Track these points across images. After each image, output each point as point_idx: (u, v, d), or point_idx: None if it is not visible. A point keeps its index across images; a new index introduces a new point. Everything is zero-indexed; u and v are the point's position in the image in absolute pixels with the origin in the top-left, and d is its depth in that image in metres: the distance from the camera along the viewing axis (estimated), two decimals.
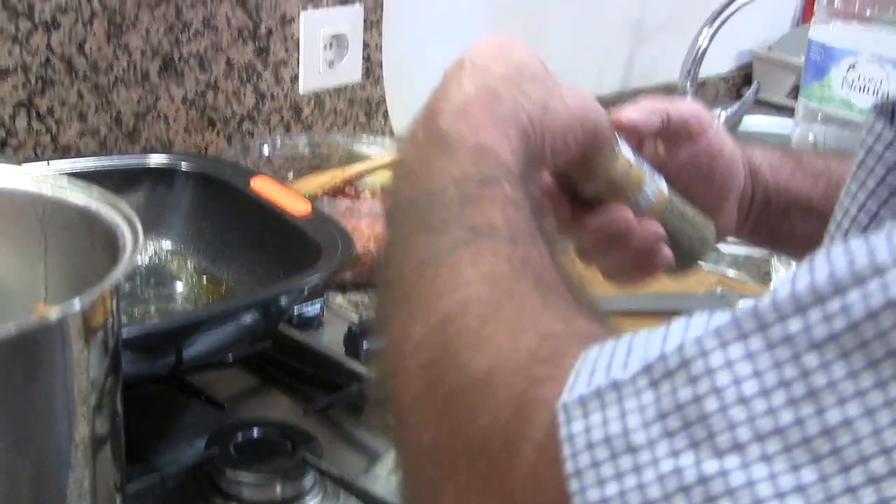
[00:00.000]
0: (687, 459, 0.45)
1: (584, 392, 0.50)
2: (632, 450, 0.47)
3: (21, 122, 1.42)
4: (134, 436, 0.87)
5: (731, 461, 0.45)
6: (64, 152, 1.46)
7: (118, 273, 0.77)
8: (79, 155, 1.47)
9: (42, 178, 0.92)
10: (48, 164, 1.30)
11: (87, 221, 0.88)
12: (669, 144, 0.96)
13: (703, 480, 0.45)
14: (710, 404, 0.46)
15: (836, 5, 1.97)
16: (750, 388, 0.45)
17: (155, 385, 1.08)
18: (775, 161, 1.00)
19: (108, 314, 0.78)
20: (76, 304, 0.73)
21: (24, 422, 0.74)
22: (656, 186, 0.92)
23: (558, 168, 0.87)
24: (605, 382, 0.49)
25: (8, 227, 0.93)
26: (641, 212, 0.91)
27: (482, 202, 0.69)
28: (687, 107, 0.96)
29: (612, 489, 0.47)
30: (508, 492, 0.53)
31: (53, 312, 0.73)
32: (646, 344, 0.50)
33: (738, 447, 0.45)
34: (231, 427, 1.08)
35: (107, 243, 0.85)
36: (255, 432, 1.08)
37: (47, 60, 1.42)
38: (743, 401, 0.45)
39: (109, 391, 0.80)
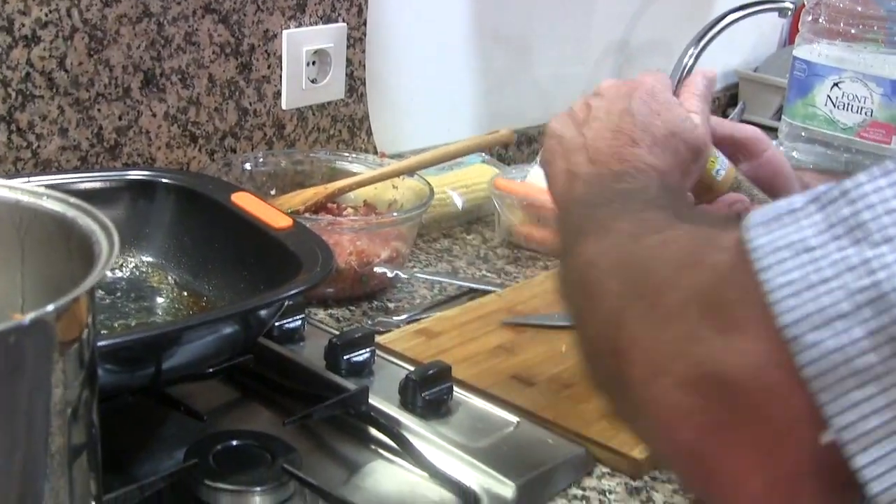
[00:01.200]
0: (851, 251, 0.62)
1: (764, 218, 0.67)
2: (808, 249, 0.64)
3: (1, 137, 1.41)
4: (113, 447, 0.86)
5: (884, 248, 0.61)
6: (45, 167, 1.46)
7: (93, 279, 0.77)
8: (60, 170, 1.47)
9: (18, 187, 0.91)
10: (28, 179, 1.29)
11: (64, 230, 0.87)
12: (733, 160, 1.13)
13: (865, 261, 0.62)
14: (866, 215, 0.63)
15: (820, 23, 1.97)
16: None
17: (134, 396, 1.07)
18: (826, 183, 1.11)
19: (83, 323, 0.77)
20: (50, 308, 0.73)
21: None
22: (726, 161, 1.11)
23: None
24: (782, 211, 0.66)
25: None
26: (718, 183, 1.09)
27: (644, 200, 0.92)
28: (748, 128, 1.17)
29: (795, 274, 0.63)
30: (701, 294, 0.70)
31: (27, 316, 0.72)
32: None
33: (888, 240, 0.62)
34: (210, 438, 1.07)
35: (83, 251, 0.84)
36: (235, 443, 1.07)
37: (27, 75, 1.42)
38: (890, 211, 0.62)
39: (86, 402, 0.79)
